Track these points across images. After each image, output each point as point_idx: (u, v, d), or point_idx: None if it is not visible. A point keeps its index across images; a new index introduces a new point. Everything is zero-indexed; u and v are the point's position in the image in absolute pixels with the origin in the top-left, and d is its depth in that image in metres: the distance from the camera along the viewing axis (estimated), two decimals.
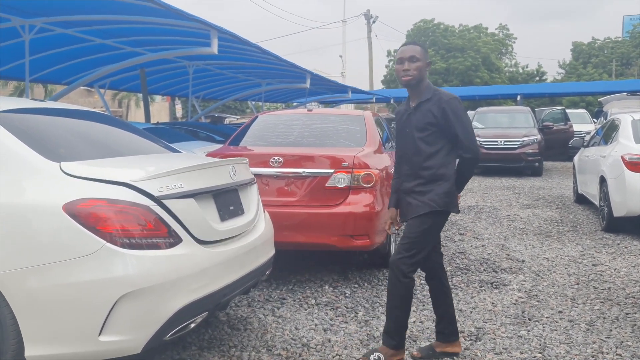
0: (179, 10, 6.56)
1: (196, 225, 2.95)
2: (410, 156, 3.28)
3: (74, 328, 2.63)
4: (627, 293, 4.68)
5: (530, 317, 4.14)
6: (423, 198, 3.22)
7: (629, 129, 7.35)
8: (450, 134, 3.22)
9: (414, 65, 3.20)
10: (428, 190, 3.21)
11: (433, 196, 3.20)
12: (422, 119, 3.22)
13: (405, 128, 3.32)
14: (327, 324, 3.98)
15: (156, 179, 2.83)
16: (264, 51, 9.93)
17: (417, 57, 3.21)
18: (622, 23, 53.57)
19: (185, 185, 2.93)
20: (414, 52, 3.22)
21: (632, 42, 48.00)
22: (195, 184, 3.02)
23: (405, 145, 3.33)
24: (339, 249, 4.84)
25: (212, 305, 3.06)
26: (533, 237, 6.91)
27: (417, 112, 3.26)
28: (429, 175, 3.22)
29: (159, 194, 2.79)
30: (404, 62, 3.23)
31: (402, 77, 3.25)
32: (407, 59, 3.22)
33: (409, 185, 3.29)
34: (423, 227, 3.21)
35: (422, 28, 49.53)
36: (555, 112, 17.07)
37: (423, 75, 3.26)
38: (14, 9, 7.13)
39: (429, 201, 3.20)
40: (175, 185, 2.88)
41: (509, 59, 51.80)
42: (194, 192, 2.98)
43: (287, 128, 5.86)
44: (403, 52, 3.26)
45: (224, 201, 3.30)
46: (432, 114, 3.19)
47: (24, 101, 3.65)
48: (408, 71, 3.21)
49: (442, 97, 3.21)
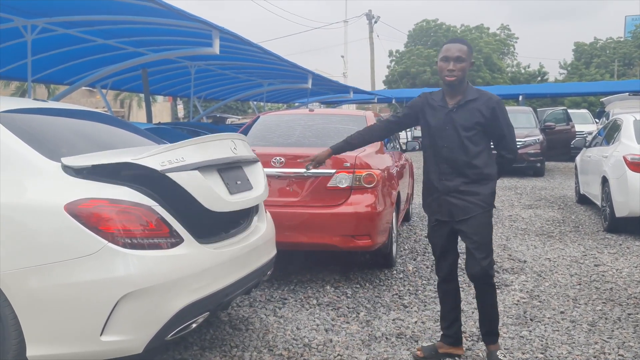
0: (180, 11, 6.57)
1: (205, 196, 2.93)
2: (454, 155, 3.21)
3: (75, 328, 2.63)
4: (629, 293, 4.67)
5: (532, 317, 4.13)
6: (472, 198, 3.20)
7: (631, 129, 7.33)
8: (496, 134, 3.26)
9: (460, 65, 3.16)
10: (475, 190, 3.20)
11: (483, 197, 3.21)
12: (470, 118, 3.18)
13: (444, 126, 3.23)
14: (328, 324, 3.98)
15: (157, 155, 2.81)
16: (265, 51, 9.93)
17: (463, 58, 3.17)
18: (624, 23, 53.51)
19: (187, 158, 2.89)
20: (461, 52, 3.17)
21: (634, 42, 47.90)
22: (197, 157, 2.97)
23: (446, 143, 3.23)
24: (341, 249, 4.84)
25: (214, 306, 3.06)
26: (535, 237, 6.90)
27: (461, 111, 3.21)
28: (475, 174, 3.20)
29: (162, 168, 2.76)
30: (449, 62, 3.17)
31: (445, 77, 3.19)
32: (453, 58, 3.16)
33: (451, 184, 3.23)
34: (487, 228, 3.25)
35: (424, 28, 49.50)
36: (557, 112, 17.06)
37: (465, 75, 3.23)
38: (16, 9, 7.14)
39: (480, 201, 3.20)
40: (177, 158, 2.85)
41: (510, 59, 51.78)
42: (197, 164, 2.93)
43: (288, 128, 5.86)
44: (449, 51, 3.19)
45: (230, 176, 3.26)
46: (481, 113, 3.18)
47: (25, 101, 3.66)
48: (453, 71, 3.16)
49: (492, 98, 3.23)
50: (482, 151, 3.22)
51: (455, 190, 3.22)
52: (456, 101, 3.23)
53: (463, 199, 3.21)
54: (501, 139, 3.29)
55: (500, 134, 3.27)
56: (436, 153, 3.28)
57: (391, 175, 5.38)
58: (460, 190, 3.21)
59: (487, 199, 3.23)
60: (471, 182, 3.20)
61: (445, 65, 3.19)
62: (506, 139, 3.28)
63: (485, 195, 3.22)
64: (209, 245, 3.02)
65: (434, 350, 3.43)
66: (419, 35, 49.62)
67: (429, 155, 3.34)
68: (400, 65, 46.05)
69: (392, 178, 5.38)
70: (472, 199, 3.20)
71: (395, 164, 5.83)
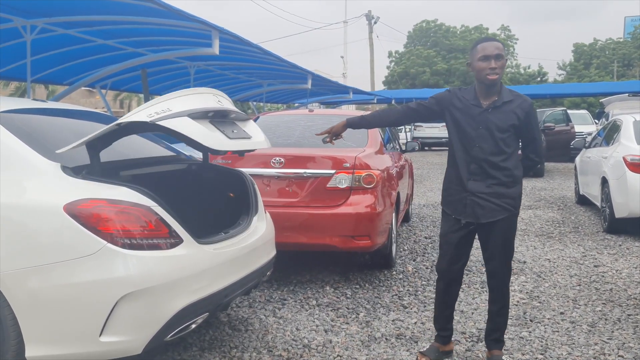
0: (180, 11, 6.56)
1: (204, 136, 2.85)
2: (485, 155, 3.15)
3: (74, 328, 2.63)
4: (628, 294, 4.67)
5: (532, 318, 4.13)
6: (500, 201, 3.16)
7: (631, 130, 7.34)
8: (528, 137, 3.26)
9: (500, 63, 3.11)
10: (503, 192, 3.16)
11: (510, 200, 3.18)
12: (506, 120, 3.14)
13: (478, 126, 3.17)
14: (328, 325, 3.98)
15: (142, 111, 2.79)
16: (265, 52, 9.93)
17: (502, 55, 3.13)
18: (624, 24, 53.55)
19: (173, 109, 2.83)
20: (499, 50, 3.12)
21: (633, 43, 47.93)
22: (184, 107, 2.89)
23: (478, 143, 3.16)
24: (340, 249, 4.83)
25: (213, 306, 3.05)
26: (535, 238, 6.89)
27: (497, 112, 3.15)
28: (505, 176, 3.16)
29: (150, 119, 2.73)
30: (490, 60, 3.10)
31: (488, 76, 3.11)
32: (494, 56, 3.10)
33: (480, 185, 3.18)
34: (513, 231, 3.25)
35: (423, 28, 49.55)
36: (557, 113, 17.04)
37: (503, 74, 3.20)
38: (16, 9, 7.13)
39: (507, 205, 3.17)
40: (163, 109, 2.80)
41: (510, 59, 51.81)
42: (185, 112, 2.85)
43: (288, 129, 5.85)
44: (488, 49, 3.12)
45: (224, 126, 3.12)
46: (516, 116, 3.15)
47: (25, 101, 3.65)
48: (495, 69, 3.10)
49: (526, 100, 3.21)
50: (512, 153, 3.19)
51: (483, 191, 3.17)
52: (491, 101, 3.17)
53: (491, 201, 3.16)
54: (532, 141, 3.29)
55: (532, 137, 3.27)
56: (466, 152, 3.20)
57: (391, 176, 5.38)
58: (488, 192, 3.16)
59: (515, 202, 3.20)
60: (500, 184, 3.16)
61: (486, 64, 3.11)
62: (536, 142, 3.30)
63: (513, 198, 3.19)
64: (208, 245, 3.02)
65: (437, 351, 3.42)
66: (419, 36, 49.66)
67: (457, 153, 3.25)
68: (399, 66, 46.10)
69: (391, 179, 5.38)
70: (500, 202, 3.16)
71: (395, 165, 5.83)
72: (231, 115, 3.21)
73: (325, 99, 23.54)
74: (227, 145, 3.02)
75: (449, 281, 3.38)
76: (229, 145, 3.04)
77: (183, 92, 3.02)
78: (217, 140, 2.94)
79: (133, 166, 3.44)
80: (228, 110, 3.16)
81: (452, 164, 3.31)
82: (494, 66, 3.10)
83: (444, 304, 3.44)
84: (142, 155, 3.72)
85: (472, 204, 3.19)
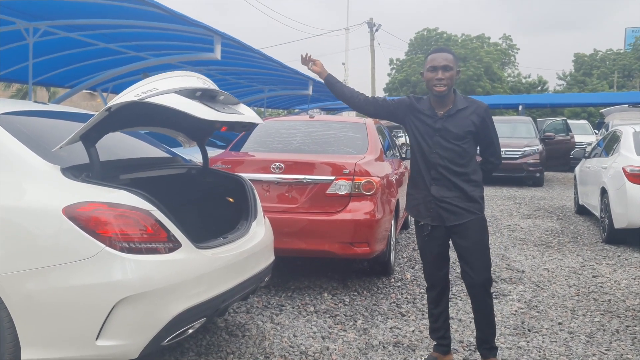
0: (182, 16, 6.58)
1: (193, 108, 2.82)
2: (444, 162, 3.19)
3: (71, 332, 2.62)
4: (627, 305, 4.66)
5: (530, 328, 4.12)
6: (463, 204, 3.19)
7: (631, 141, 7.34)
8: (485, 142, 3.28)
9: (448, 74, 3.13)
10: (464, 196, 3.19)
11: (472, 203, 3.20)
12: (462, 127, 3.17)
13: (435, 133, 3.21)
14: (325, 332, 3.96)
15: (129, 93, 2.79)
16: (266, 57, 9.96)
17: (451, 66, 3.14)
18: (624, 35, 53.73)
19: (160, 88, 2.82)
20: (448, 61, 3.14)
21: (634, 54, 48.07)
22: (170, 86, 2.88)
23: (435, 150, 3.20)
24: (339, 256, 4.83)
25: (211, 311, 3.04)
26: (533, 247, 6.89)
27: (452, 120, 3.19)
28: (464, 181, 3.19)
29: (137, 98, 2.73)
30: (437, 71, 3.14)
31: (434, 87, 3.15)
32: (441, 67, 3.13)
33: (441, 190, 3.21)
34: (483, 234, 3.26)
35: (425, 37, 49.69)
36: (557, 122, 17.08)
37: (453, 84, 3.20)
38: (19, 12, 7.16)
39: (470, 207, 3.20)
40: (150, 89, 2.80)
41: (511, 69, 51.93)
42: (172, 89, 2.84)
43: (288, 134, 5.86)
44: (436, 60, 3.16)
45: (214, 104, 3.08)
46: (472, 122, 3.17)
47: (26, 103, 3.66)
48: (442, 80, 3.13)
49: (481, 106, 3.23)
50: (471, 159, 3.23)
51: (446, 196, 3.20)
52: (445, 110, 3.21)
53: (454, 204, 3.20)
54: (489, 145, 3.32)
55: (489, 141, 3.30)
56: (426, 159, 3.25)
57: (390, 183, 5.38)
58: (450, 196, 3.20)
59: (478, 206, 3.23)
60: (460, 189, 3.19)
61: (433, 75, 3.16)
62: (494, 145, 3.32)
63: (476, 202, 3.22)
64: (206, 250, 3.01)
65: None
66: (420, 44, 49.79)
67: (417, 160, 3.31)
68: (400, 73, 46.19)
69: (391, 186, 5.38)
70: (464, 205, 3.20)
71: (394, 172, 5.83)
72: (220, 97, 3.16)
73: (326, 105, 23.58)
74: (217, 116, 2.95)
75: (436, 290, 3.40)
76: (219, 116, 2.97)
77: (168, 74, 3.00)
78: (207, 112, 2.90)
79: (133, 170, 3.44)
80: (216, 90, 3.13)
81: (415, 169, 3.35)
82: (440, 77, 3.13)
83: (437, 314, 3.43)
84: (142, 160, 3.72)
85: (437, 208, 3.24)
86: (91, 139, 2.89)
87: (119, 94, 2.92)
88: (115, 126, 3.19)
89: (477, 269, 3.21)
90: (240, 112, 3.30)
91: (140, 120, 3.42)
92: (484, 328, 3.31)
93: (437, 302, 3.42)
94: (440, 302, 3.42)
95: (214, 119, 2.94)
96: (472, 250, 3.21)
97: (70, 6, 7.22)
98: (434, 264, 3.37)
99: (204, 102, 2.97)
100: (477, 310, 3.32)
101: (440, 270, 3.38)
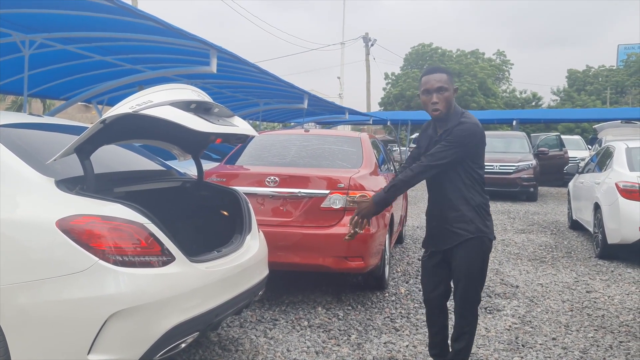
0: (179, 29, 6.61)
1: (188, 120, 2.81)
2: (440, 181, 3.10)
3: (62, 346, 2.59)
4: (620, 321, 4.66)
5: (524, 343, 4.11)
6: (453, 227, 3.08)
7: (623, 157, 7.40)
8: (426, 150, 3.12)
9: (443, 96, 3.02)
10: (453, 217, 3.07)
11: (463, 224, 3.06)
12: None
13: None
14: (319, 347, 3.94)
15: (123, 105, 2.79)
16: (262, 71, 9.99)
17: (445, 87, 3.02)
18: (617, 52, 54.32)
19: (154, 100, 2.82)
20: (442, 82, 3.03)
21: (626, 70, 48.56)
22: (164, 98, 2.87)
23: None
24: (333, 270, 4.82)
25: (204, 326, 3.03)
26: (527, 262, 6.89)
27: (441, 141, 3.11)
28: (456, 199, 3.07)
29: (132, 110, 2.73)
30: (431, 94, 3.03)
31: (431, 112, 3.06)
32: (435, 90, 3.02)
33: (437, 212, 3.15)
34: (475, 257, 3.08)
35: (420, 52, 50.04)
36: (551, 137, 17.19)
37: (452, 104, 3.07)
38: (15, 24, 7.17)
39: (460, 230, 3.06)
40: (145, 102, 2.79)
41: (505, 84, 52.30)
42: (166, 102, 2.83)
43: (283, 148, 5.87)
44: (429, 83, 3.05)
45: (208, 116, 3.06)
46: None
47: (21, 116, 3.66)
48: (437, 104, 3.02)
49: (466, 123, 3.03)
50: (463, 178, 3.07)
51: (439, 218, 3.14)
52: (443, 130, 3.13)
53: (444, 227, 3.12)
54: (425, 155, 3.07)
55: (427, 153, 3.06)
56: (428, 182, 3.22)
57: None
58: (440, 218, 3.13)
59: (468, 227, 3.06)
60: (452, 209, 3.08)
61: (427, 99, 3.06)
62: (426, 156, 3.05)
63: (465, 222, 3.06)
64: (200, 264, 3.00)
65: None
66: (415, 59, 50.13)
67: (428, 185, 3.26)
68: (395, 88, 46.41)
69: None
70: (453, 228, 3.08)
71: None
72: (214, 109, 3.16)
73: (322, 118, 23.63)
74: (212, 128, 2.95)
75: (431, 308, 3.34)
76: (214, 128, 2.97)
77: (162, 86, 3.02)
78: (202, 124, 2.89)
79: (127, 183, 3.44)
80: (210, 103, 3.13)
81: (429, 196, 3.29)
82: (435, 101, 3.03)
83: (432, 332, 3.38)
84: (137, 173, 3.72)
85: (432, 233, 3.21)
86: (86, 152, 2.89)
87: (114, 106, 2.92)
88: (109, 138, 3.19)
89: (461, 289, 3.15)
90: (235, 124, 3.31)
91: (135, 132, 3.42)
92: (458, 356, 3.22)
93: (429, 320, 3.38)
94: (431, 320, 3.36)
95: (209, 130, 2.95)
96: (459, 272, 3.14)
97: (66, 19, 7.23)
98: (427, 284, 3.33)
99: (198, 114, 2.98)
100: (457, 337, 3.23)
101: (433, 292, 3.31)
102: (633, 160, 7.24)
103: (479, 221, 3.08)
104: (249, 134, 3.41)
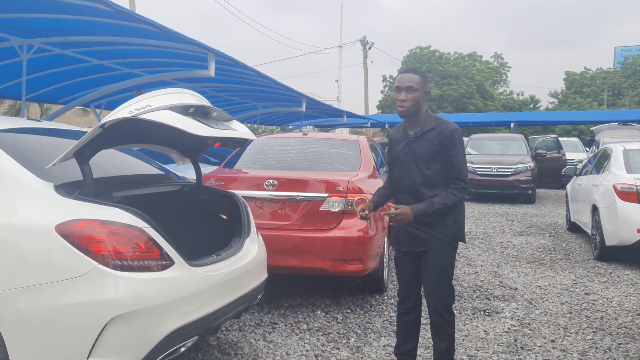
0: (177, 33, 6.62)
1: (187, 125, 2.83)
2: (413, 185, 3.16)
3: (62, 350, 2.59)
4: (619, 323, 4.67)
5: (523, 345, 4.11)
6: (430, 230, 3.13)
7: (621, 159, 7.42)
8: (448, 164, 3.15)
9: (411, 95, 3.11)
10: (432, 221, 3.11)
11: (442, 228, 3.13)
12: (426, 149, 3.13)
13: (405, 156, 3.21)
14: (318, 350, 3.94)
15: (122, 110, 2.80)
16: (260, 74, 10.00)
17: (415, 87, 3.11)
18: (614, 54, 54.46)
19: (153, 104, 2.84)
20: (412, 82, 3.12)
21: (623, 73, 48.69)
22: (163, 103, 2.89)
23: (405, 173, 3.21)
24: (332, 273, 4.82)
25: (203, 329, 3.03)
26: (526, 264, 6.90)
27: (419, 141, 3.17)
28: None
29: (131, 115, 2.74)
30: (401, 92, 3.14)
31: (397, 107, 3.18)
32: (404, 88, 3.13)
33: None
34: (445, 261, 3.17)
35: (417, 55, 50.11)
36: (549, 140, 17.23)
37: (420, 106, 3.16)
38: (14, 28, 7.17)
39: (439, 233, 3.13)
40: (144, 106, 2.81)
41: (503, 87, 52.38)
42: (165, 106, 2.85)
43: (282, 151, 5.88)
44: (401, 81, 3.16)
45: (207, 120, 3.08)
46: (433, 144, 3.12)
47: (19, 120, 3.66)
48: (404, 102, 3.12)
49: (447, 127, 3.15)
50: (439, 182, 3.14)
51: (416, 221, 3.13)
52: (415, 132, 3.19)
53: (421, 229, 3.15)
54: (452, 168, 3.15)
55: (451, 165, 3.14)
56: (399, 183, 3.26)
57: None
58: (421, 222, 3.13)
59: (446, 230, 3.14)
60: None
61: (397, 95, 3.16)
62: (456, 169, 3.14)
63: (444, 226, 3.14)
64: (199, 268, 3.01)
65: None
66: (413, 62, 50.17)
67: (394, 185, 3.33)
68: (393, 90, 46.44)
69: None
70: (430, 231, 3.14)
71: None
72: (213, 113, 3.18)
73: (320, 122, 23.65)
74: (211, 132, 2.97)
75: (404, 311, 3.36)
76: (212, 132, 2.99)
77: (161, 90, 3.04)
78: (200, 128, 2.91)
79: (126, 187, 3.44)
80: (209, 107, 3.14)
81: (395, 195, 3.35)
82: (402, 98, 3.13)
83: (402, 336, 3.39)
84: (135, 177, 3.72)
85: (406, 233, 3.22)
86: (84, 156, 2.90)
87: (112, 110, 2.93)
88: (108, 143, 3.20)
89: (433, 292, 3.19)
90: (233, 128, 3.32)
91: (133, 137, 3.43)
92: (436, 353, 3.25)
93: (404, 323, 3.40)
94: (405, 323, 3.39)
95: (207, 134, 2.96)
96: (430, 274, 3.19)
97: (64, 23, 7.24)
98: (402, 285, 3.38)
99: (197, 118, 2.99)
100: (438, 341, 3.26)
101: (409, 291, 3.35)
102: (630, 162, 7.26)
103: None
104: (247, 138, 3.42)
